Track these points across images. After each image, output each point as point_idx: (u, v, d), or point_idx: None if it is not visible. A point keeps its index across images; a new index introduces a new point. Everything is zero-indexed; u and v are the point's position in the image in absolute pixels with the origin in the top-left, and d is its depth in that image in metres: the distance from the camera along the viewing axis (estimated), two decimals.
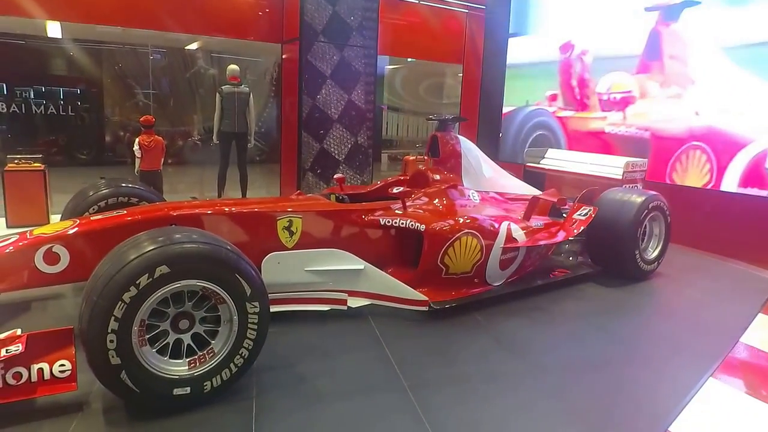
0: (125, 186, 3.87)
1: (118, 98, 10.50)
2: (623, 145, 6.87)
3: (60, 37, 9.27)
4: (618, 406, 2.73)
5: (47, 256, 2.82)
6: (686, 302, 4.32)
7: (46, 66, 9.92)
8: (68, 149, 9.70)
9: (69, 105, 9.67)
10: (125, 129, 10.24)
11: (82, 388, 2.41)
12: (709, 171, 5.79)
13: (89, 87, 10.09)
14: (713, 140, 5.79)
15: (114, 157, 9.86)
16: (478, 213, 3.96)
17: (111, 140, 10.29)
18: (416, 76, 13.12)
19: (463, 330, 3.50)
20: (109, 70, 10.46)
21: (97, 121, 10.15)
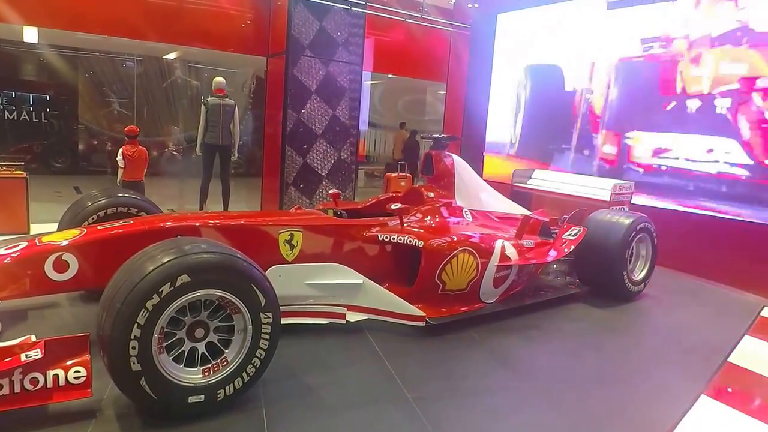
0: (123, 196, 4.01)
1: (94, 107, 10.55)
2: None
3: (36, 43, 9.32)
4: (617, 422, 2.94)
5: (57, 263, 2.95)
6: (673, 323, 4.62)
7: (19, 72, 9.94)
8: (43, 157, 9.68)
9: (42, 112, 9.69)
10: (101, 138, 10.28)
11: (95, 395, 2.53)
12: None
13: (64, 94, 10.14)
14: None
15: (89, 166, 9.87)
16: (473, 231, 4.22)
17: (86, 149, 10.31)
18: (395, 93, 13.50)
19: (460, 346, 3.72)
20: (85, 78, 10.52)
21: (73, 129, 10.18)
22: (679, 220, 6.26)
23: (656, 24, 7.00)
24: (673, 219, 6.21)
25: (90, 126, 10.81)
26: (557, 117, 8.21)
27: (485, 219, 4.78)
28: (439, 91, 12.88)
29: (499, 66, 9.13)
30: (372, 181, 12.49)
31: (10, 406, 2.35)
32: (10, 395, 2.36)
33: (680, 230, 6.03)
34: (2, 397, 2.34)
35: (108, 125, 10.83)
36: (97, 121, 10.87)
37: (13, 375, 2.36)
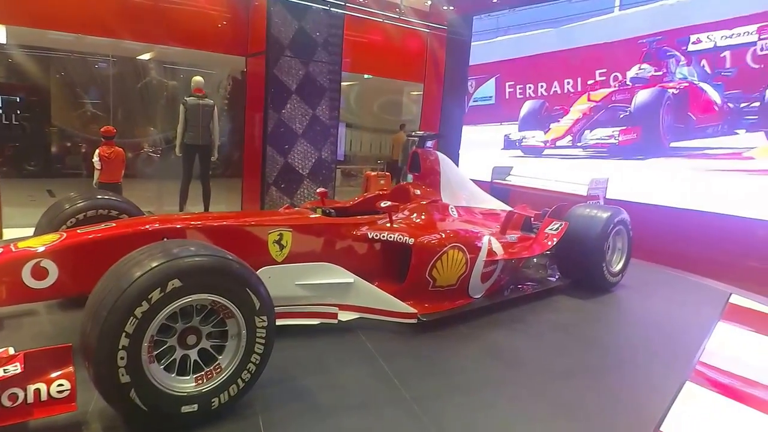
0: (102, 198, 3.73)
1: (67, 108, 10.06)
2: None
3: (4, 43, 8.81)
4: (610, 409, 2.86)
5: (35, 270, 2.68)
6: (651, 312, 4.58)
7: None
8: (15, 160, 9.17)
9: (13, 114, 9.17)
10: (75, 140, 9.80)
11: (80, 408, 2.29)
12: None
13: (36, 96, 9.63)
14: None
15: (63, 169, 9.40)
16: (461, 227, 4.08)
17: (60, 151, 9.81)
18: (372, 93, 13.31)
19: (451, 341, 3.58)
20: (57, 79, 10.01)
21: (45, 131, 9.67)
22: (649, 214, 6.26)
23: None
24: (644, 212, 6.20)
25: (63, 128, 10.31)
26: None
27: (470, 215, 4.65)
28: (412, 91, 12.77)
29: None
30: (349, 180, 12.27)
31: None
32: None
33: (651, 223, 6.02)
34: None
35: (82, 127, 10.34)
36: (70, 122, 10.37)
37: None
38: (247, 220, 3.43)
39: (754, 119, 6.48)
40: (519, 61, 9.24)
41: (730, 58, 6.76)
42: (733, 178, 6.45)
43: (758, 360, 3.70)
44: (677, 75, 7.32)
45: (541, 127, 9.02)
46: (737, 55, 6.65)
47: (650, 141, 7.26)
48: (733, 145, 6.63)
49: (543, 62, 8.90)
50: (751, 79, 6.50)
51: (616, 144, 7.35)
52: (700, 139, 7.01)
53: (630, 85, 7.81)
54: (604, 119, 7.94)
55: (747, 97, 6.55)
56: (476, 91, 9.73)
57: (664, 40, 7.47)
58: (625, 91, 7.83)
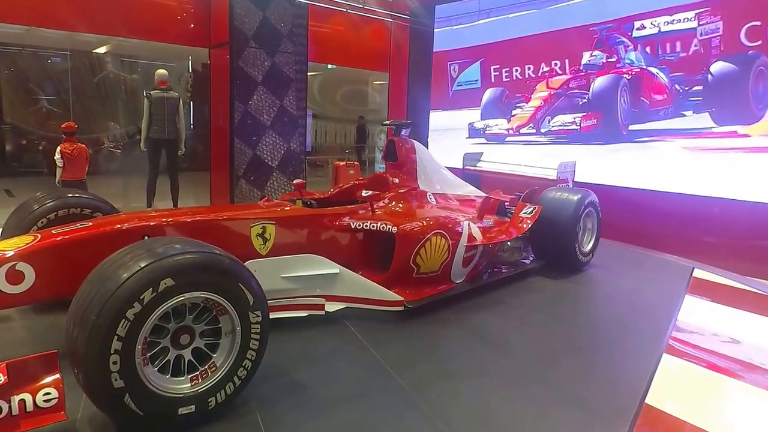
0: (73, 196, 3.51)
1: (20, 105, 9.48)
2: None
3: None
4: (596, 386, 2.88)
5: (10, 274, 2.48)
6: (622, 288, 4.68)
7: None
8: None
9: None
10: (31, 137, 9.27)
11: (68, 416, 2.15)
12: None
13: None
14: None
15: (20, 167, 8.88)
16: (441, 214, 4.04)
17: (16, 149, 9.26)
18: (335, 83, 13.10)
19: (438, 327, 3.55)
20: (8, 75, 9.42)
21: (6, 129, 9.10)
22: (614, 195, 6.39)
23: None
24: (609, 193, 6.32)
25: (17, 125, 9.74)
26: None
27: (446, 202, 4.62)
28: (376, 81, 12.64)
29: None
30: (316, 171, 12.08)
31: None
32: None
33: (617, 204, 6.14)
34: None
35: (37, 123, 9.80)
36: (25, 119, 9.81)
37: None
38: (229, 213, 3.29)
39: (699, 100, 6.70)
40: (505, 43, 9.15)
41: (672, 43, 6.95)
42: (688, 159, 6.64)
43: (726, 330, 3.82)
44: (625, 61, 7.48)
45: (503, 114, 9.07)
46: (679, 40, 6.84)
47: (609, 126, 7.40)
48: (684, 127, 6.83)
49: (530, 44, 8.80)
50: (693, 62, 6.71)
51: (578, 130, 7.46)
52: (653, 122, 7.19)
53: (584, 71, 7.92)
54: (564, 106, 8.04)
55: (690, 80, 6.76)
56: (460, 75, 9.69)
57: (614, 27, 7.61)
58: (581, 77, 7.95)
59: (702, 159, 6.51)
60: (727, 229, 5.83)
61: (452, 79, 9.82)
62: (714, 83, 6.46)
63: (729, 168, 6.17)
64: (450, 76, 9.85)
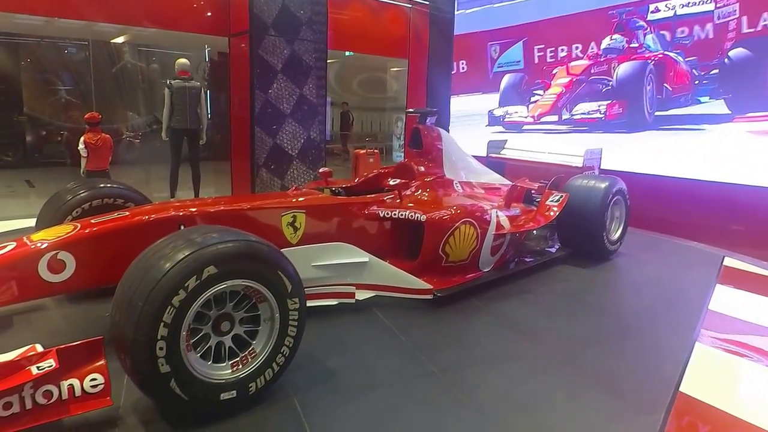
0: (105, 186, 3.58)
1: (41, 96, 9.62)
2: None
3: None
4: (628, 374, 2.91)
5: (52, 263, 2.56)
6: (651, 277, 4.67)
7: None
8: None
9: None
10: (51, 128, 9.42)
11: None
12: None
13: (6, 84, 9.17)
14: None
15: (41, 158, 9.04)
16: (469, 202, 4.06)
17: (36, 140, 9.41)
18: (352, 70, 13.08)
19: (467, 314, 3.59)
20: (28, 66, 9.55)
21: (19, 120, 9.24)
22: (643, 182, 6.34)
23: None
24: (637, 181, 6.27)
25: (37, 116, 9.88)
26: None
27: (473, 190, 4.63)
28: (393, 68, 12.60)
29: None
30: (332, 159, 12.11)
31: (23, 425, 2.01)
32: (21, 413, 2.02)
33: (644, 192, 6.10)
34: (13, 416, 2.00)
35: (57, 114, 9.93)
36: (44, 110, 9.94)
37: (24, 390, 2.02)
38: (261, 203, 3.35)
39: (714, 87, 6.59)
40: (549, 22, 8.71)
41: (689, 27, 6.82)
42: (715, 145, 6.55)
43: (759, 319, 3.80)
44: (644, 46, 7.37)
45: (522, 101, 8.99)
46: (696, 23, 6.72)
47: (635, 114, 7.30)
48: (707, 112, 6.72)
49: (579, 22, 8.36)
50: (709, 46, 6.58)
51: (603, 119, 7.38)
52: (676, 109, 7.10)
53: (604, 56, 7.81)
54: (585, 92, 7.95)
55: (707, 65, 6.65)
56: (501, 56, 9.44)
57: (632, 11, 7.49)
58: (602, 63, 7.84)
59: (729, 145, 6.42)
60: (758, 217, 5.76)
61: (492, 61, 9.57)
62: (731, 68, 6.34)
63: (759, 154, 6.08)
64: (490, 57, 9.60)
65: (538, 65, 8.78)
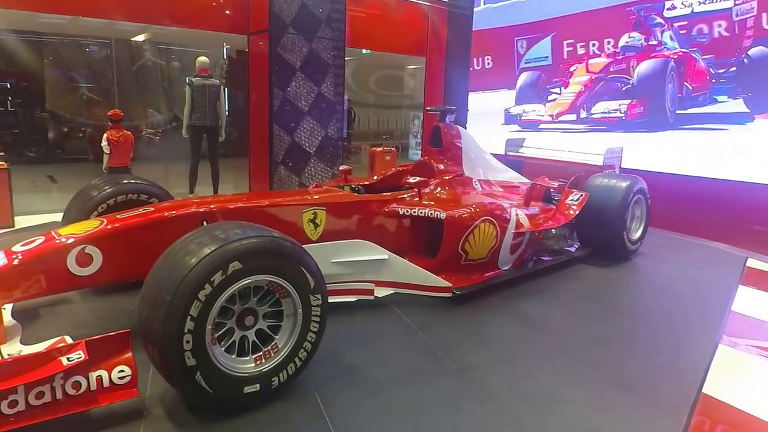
0: (129, 182, 3.65)
1: (63, 93, 9.78)
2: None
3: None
4: (650, 374, 2.89)
5: (80, 257, 2.62)
6: (672, 278, 4.62)
7: None
8: (15, 147, 8.91)
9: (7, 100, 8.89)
10: (73, 125, 9.57)
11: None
12: None
13: (30, 81, 9.34)
14: None
15: (63, 154, 9.19)
16: (489, 200, 4.06)
17: (59, 136, 9.57)
18: (369, 69, 13.08)
19: (485, 312, 3.59)
20: (50, 63, 9.71)
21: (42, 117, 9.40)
22: (663, 182, 6.27)
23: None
24: (657, 180, 6.21)
25: (60, 113, 10.03)
26: None
27: (492, 188, 4.62)
28: (409, 65, 12.59)
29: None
30: (348, 157, 12.14)
31: (54, 415, 2.06)
32: (52, 402, 2.07)
33: (664, 191, 6.03)
34: (44, 406, 2.06)
35: (78, 111, 10.08)
36: (66, 107, 10.09)
37: (54, 381, 2.07)
38: (282, 199, 3.38)
39: (732, 86, 6.48)
40: (576, 17, 8.50)
41: (707, 24, 6.71)
42: (737, 145, 6.45)
43: None
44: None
45: (539, 99, 8.93)
46: (714, 20, 6.61)
47: (656, 113, 7.21)
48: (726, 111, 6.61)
49: (597, 19, 8.21)
50: (727, 44, 6.47)
51: (624, 118, 7.29)
52: (694, 108, 6.99)
53: (623, 54, 7.71)
54: (603, 91, 7.87)
55: (724, 63, 6.53)
56: (528, 51, 9.26)
57: (650, 8, 7.38)
58: (621, 61, 7.74)
59: (750, 145, 6.32)
60: None
61: (519, 56, 9.42)
62: (751, 66, 6.22)
63: None
64: (517, 53, 9.45)
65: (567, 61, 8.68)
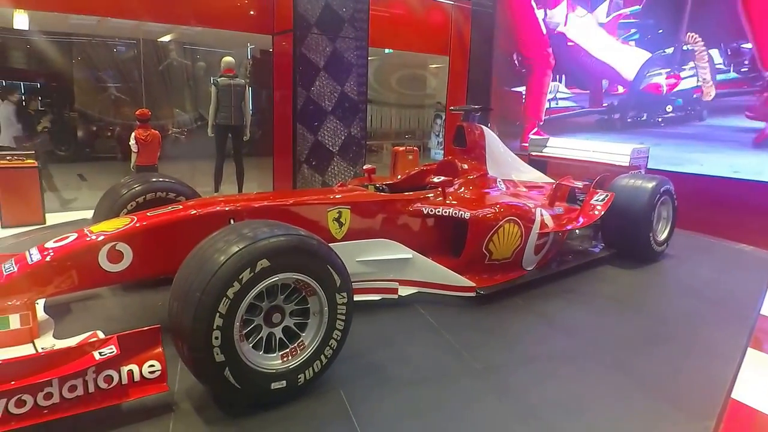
0: (157, 181, 3.71)
1: (91, 92, 9.99)
2: None
3: (26, 29, 8.73)
4: (677, 377, 2.85)
5: (111, 254, 2.68)
6: (700, 279, 4.53)
7: (14, 59, 9.35)
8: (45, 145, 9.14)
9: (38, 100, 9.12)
10: (100, 124, 9.78)
11: None
12: None
13: (60, 81, 9.57)
14: None
15: (92, 153, 9.40)
16: (513, 200, 4.03)
17: (88, 135, 9.79)
18: (391, 68, 13.07)
19: (509, 313, 3.57)
20: (79, 64, 9.93)
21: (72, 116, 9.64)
22: (689, 182, 6.14)
23: None
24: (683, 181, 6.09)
25: (88, 112, 10.25)
26: None
27: (516, 188, 4.59)
28: (432, 65, 12.55)
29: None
30: (370, 156, 12.16)
31: (86, 408, 2.11)
32: (84, 396, 2.12)
33: (690, 192, 5.91)
34: (77, 399, 2.11)
35: (108, 111, 10.29)
36: (94, 106, 10.30)
37: (87, 374, 2.12)
38: (307, 198, 3.40)
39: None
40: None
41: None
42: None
43: None
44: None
45: None
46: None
47: None
48: None
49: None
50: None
51: None
52: None
53: None
54: None
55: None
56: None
57: None
58: None
59: None
60: None
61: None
62: None
63: None
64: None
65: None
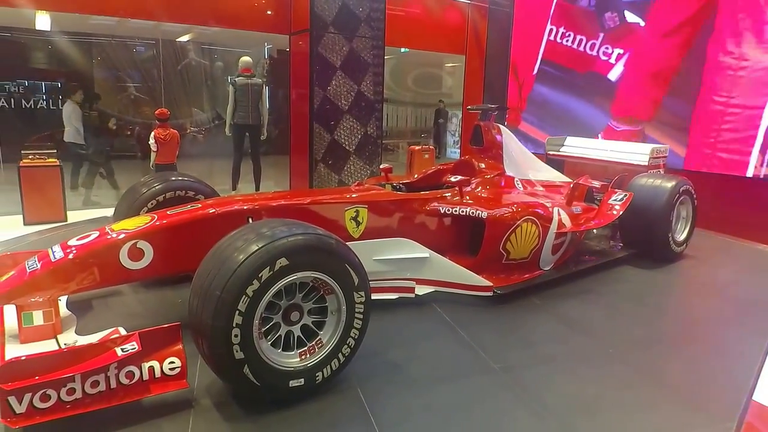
0: (177, 179, 3.75)
1: (110, 92, 10.14)
2: None
3: (48, 30, 8.88)
4: (697, 378, 2.80)
5: (132, 251, 2.72)
6: (720, 280, 4.46)
7: (35, 59, 9.50)
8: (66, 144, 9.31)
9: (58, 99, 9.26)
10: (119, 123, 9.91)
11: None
12: None
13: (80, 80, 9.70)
14: None
15: (112, 152, 9.52)
16: (531, 200, 4.01)
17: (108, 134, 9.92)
18: (407, 67, 13.07)
19: (527, 313, 3.54)
20: (99, 63, 10.08)
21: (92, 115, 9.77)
22: (708, 182, 6.05)
23: None
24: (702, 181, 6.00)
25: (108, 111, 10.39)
26: None
27: (534, 188, 4.56)
28: (448, 64, 12.54)
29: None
30: (386, 155, 12.18)
31: (108, 403, 2.14)
32: (107, 391, 2.15)
33: (710, 191, 5.82)
34: (99, 394, 2.13)
35: (127, 110, 10.43)
36: (114, 106, 10.44)
37: (109, 370, 2.15)
38: (324, 197, 3.41)
39: None
40: None
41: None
42: None
43: None
44: None
45: None
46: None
47: None
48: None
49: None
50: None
51: None
52: None
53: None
54: None
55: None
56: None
57: None
58: None
59: None
60: None
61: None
62: None
63: None
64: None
65: None
